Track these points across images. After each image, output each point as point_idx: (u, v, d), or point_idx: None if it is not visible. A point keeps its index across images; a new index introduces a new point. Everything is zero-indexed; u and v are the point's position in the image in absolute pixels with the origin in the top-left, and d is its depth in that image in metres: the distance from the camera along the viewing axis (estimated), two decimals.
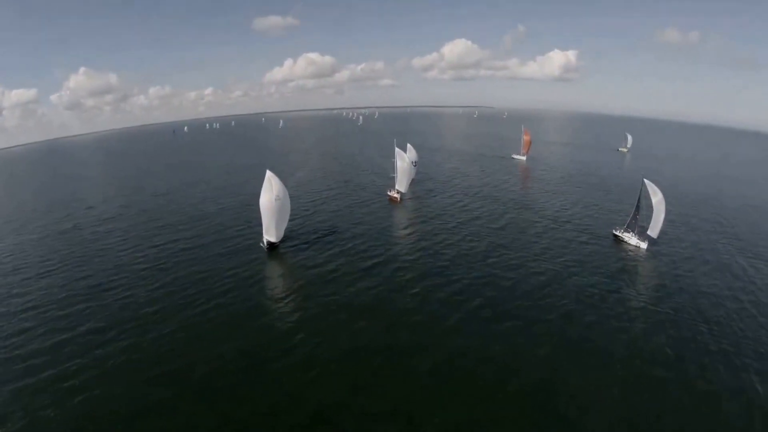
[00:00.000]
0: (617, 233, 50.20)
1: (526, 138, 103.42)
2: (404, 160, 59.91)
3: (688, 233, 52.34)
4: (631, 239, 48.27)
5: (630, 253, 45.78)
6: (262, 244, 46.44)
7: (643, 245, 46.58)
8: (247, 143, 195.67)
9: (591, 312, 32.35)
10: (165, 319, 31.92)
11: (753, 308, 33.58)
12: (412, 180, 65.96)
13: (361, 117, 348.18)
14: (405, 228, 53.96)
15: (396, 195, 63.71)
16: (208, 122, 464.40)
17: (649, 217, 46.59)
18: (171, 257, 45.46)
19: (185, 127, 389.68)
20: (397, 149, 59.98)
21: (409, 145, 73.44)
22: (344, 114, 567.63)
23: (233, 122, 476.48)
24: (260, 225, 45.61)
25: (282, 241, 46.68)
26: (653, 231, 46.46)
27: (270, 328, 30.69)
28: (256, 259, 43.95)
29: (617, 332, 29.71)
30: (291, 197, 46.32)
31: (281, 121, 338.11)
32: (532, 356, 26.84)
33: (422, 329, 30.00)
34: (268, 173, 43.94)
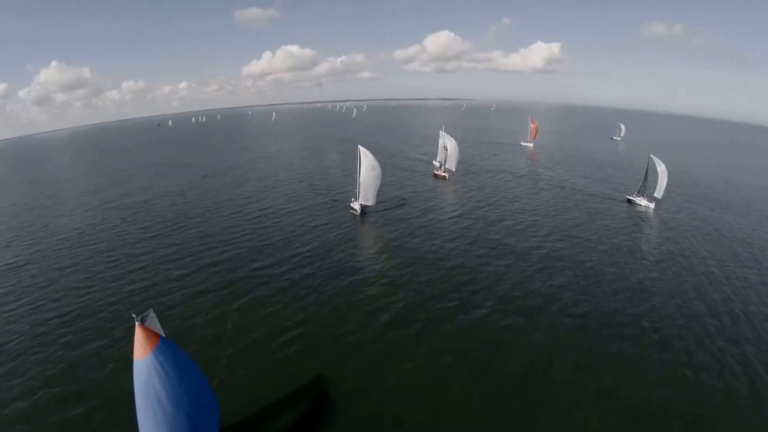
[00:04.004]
0: (630, 197, 63.21)
1: (533, 126, 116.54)
2: (452, 142, 70.66)
3: (685, 201, 66.19)
4: (641, 201, 61.37)
5: (642, 212, 58.88)
6: (352, 210, 56.12)
7: (652, 206, 59.73)
8: (258, 135, 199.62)
9: (621, 251, 44.32)
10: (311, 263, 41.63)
11: (733, 243, 47.67)
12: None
13: (354, 109, 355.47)
14: (466, 200, 63.70)
15: (445, 174, 74.50)
16: (194, 116, 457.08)
17: (655, 185, 59.96)
18: (281, 220, 54.43)
19: (169, 121, 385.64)
20: (446, 134, 70.65)
21: (441, 131, 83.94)
22: (329, 107, 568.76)
23: (219, 116, 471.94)
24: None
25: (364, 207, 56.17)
26: (659, 193, 59.72)
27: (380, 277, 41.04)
28: (353, 222, 53.65)
29: (639, 262, 42.28)
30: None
31: (274, 114, 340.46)
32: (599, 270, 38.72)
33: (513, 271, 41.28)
34: (360, 148, 53.42)
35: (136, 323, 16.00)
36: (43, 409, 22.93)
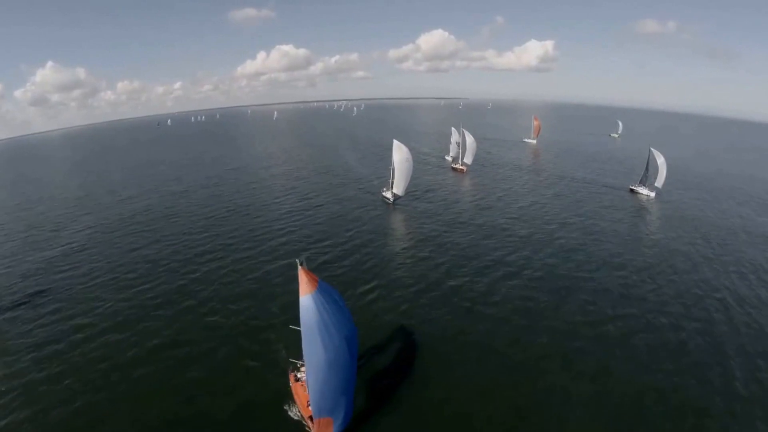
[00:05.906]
0: (632, 187, 69.83)
1: (536, 123, 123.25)
2: (470, 138, 76.68)
3: (682, 190, 73.08)
4: (643, 191, 67.98)
5: (644, 200, 65.56)
6: (384, 199, 61.75)
7: (652, 194, 66.38)
8: (265, 133, 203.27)
9: (627, 232, 50.67)
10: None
11: (725, 225, 54.78)
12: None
13: (354, 108, 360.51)
14: (486, 191, 69.28)
15: (462, 167, 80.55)
16: (192, 115, 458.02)
17: (655, 176, 66.55)
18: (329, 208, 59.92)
19: (168, 121, 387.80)
20: (463, 130, 76.62)
21: (453, 128, 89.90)
22: (327, 106, 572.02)
23: (218, 115, 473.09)
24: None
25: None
26: (659, 183, 66.37)
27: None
28: (388, 210, 59.38)
29: (644, 240, 48.85)
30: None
31: (275, 113, 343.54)
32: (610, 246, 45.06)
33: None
34: (395, 142, 58.98)
35: (299, 267, 19.63)
36: (163, 369, 26.12)
